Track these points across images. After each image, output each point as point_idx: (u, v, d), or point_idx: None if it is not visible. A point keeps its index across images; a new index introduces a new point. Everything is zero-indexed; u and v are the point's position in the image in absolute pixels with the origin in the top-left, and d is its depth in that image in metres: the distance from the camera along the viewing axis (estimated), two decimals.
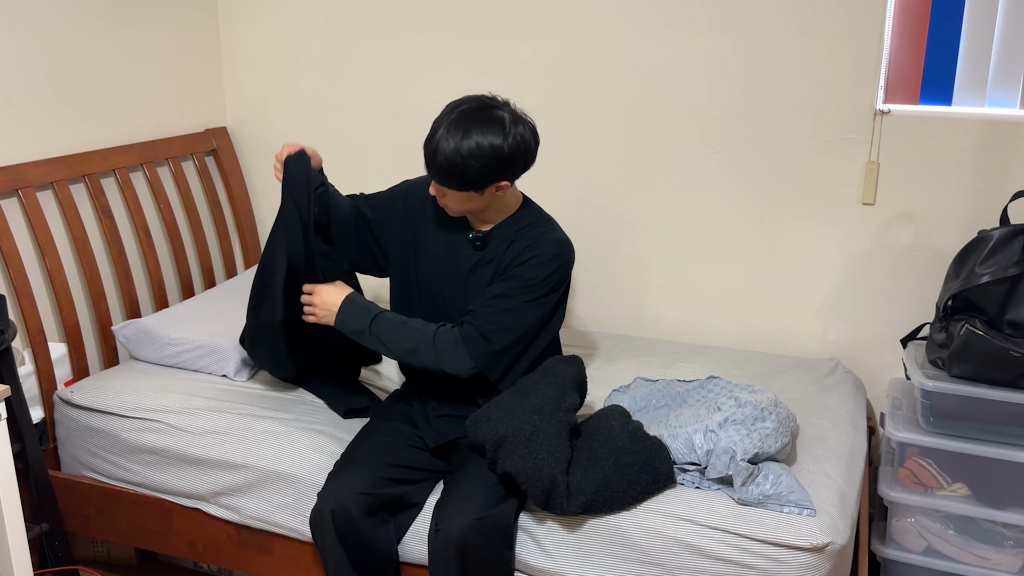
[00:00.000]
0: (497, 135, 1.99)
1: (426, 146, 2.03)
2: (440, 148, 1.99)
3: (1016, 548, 2.22)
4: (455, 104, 2.05)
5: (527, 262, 2.10)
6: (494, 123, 2.00)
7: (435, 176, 2.05)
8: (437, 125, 2.02)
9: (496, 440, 1.98)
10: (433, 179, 2.07)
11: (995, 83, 2.48)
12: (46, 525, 2.36)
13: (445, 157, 1.98)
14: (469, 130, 1.98)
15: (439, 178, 2.04)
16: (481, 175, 2.00)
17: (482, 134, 1.98)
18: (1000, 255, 2.22)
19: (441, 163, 1.99)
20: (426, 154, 2.03)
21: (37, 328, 2.51)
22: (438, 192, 2.10)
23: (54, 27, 2.63)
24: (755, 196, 2.75)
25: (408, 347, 2.13)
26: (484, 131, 1.99)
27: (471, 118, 2.00)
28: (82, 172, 2.69)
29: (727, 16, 2.65)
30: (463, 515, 1.93)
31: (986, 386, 2.18)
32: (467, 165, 1.98)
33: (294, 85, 3.22)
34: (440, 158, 1.99)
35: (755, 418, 2.04)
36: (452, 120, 2.00)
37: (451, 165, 1.98)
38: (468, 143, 1.97)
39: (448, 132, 1.99)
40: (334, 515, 2.01)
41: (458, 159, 1.97)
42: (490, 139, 1.98)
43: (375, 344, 2.15)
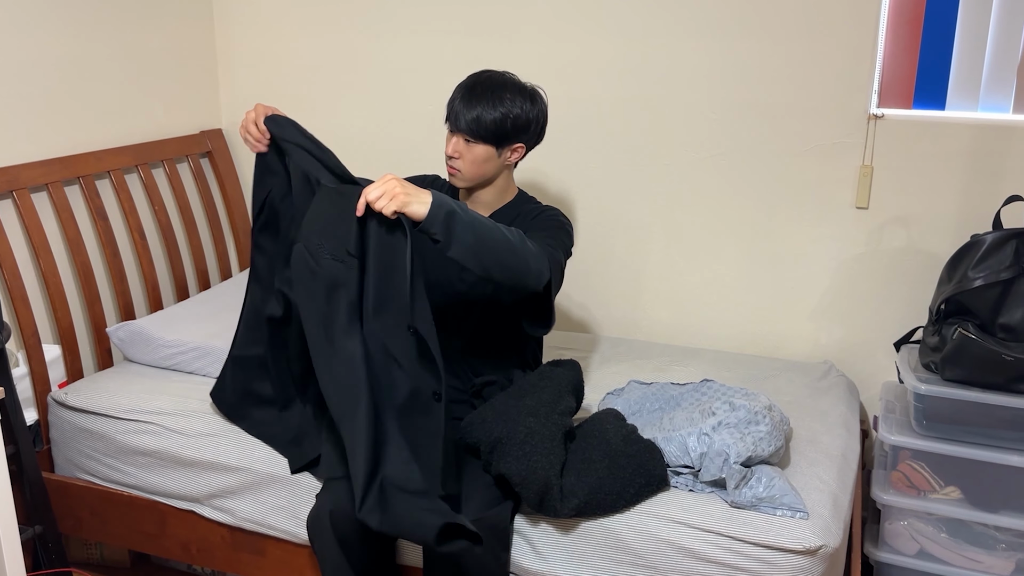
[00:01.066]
0: (526, 97, 2.15)
1: (458, 100, 2.12)
2: (477, 100, 2.10)
3: (1008, 551, 2.23)
4: (481, 71, 2.19)
5: (539, 218, 2.21)
6: (522, 87, 2.17)
7: (464, 126, 2.11)
8: (470, 82, 2.14)
9: (491, 442, 1.98)
10: (459, 131, 2.13)
11: (988, 88, 2.49)
12: (39, 527, 2.36)
13: (484, 107, 2.09)
14: (503, 87, 2.13)
15: (469, 127, 2.11)
16: (509, 130, 2.13)
17: (512, 93, 2.13)
18: (993, 259, 2.23)
19: (475, 114, 2.09)
20: (457, 106, 2.12)
21: (31, 330, 2.50)
22: (456, 151, 2.15)
23: (49, 28, 2.63)
24: (749, 199, 2.76)
25: (505, 235, 1.90)
26: (514, 91, 2.14)
27: (501, 79, 2.15)
28: (77, 174, 2.69)
29: (721, 20, 2.65)
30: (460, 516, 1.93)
31: (979, 390, 2.19)
32: (503, 115, 2.10)
33: (289, 87, 3.22)
34: (477, 108, 2.09)
35: (749, 421, 2.05)
36: (485, 77, 2.14)
37: (485, 113, 2.09)
38: (504, 96, 2.11)
39: (483, 85, 2.12)
40: (332, 517, 2.00)
41: (495, 107, 2.10)
42: (520, 97, 2.14)
43: (466, 229, 1.84)
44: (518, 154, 2.20)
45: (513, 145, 2.17)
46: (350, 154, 3.19)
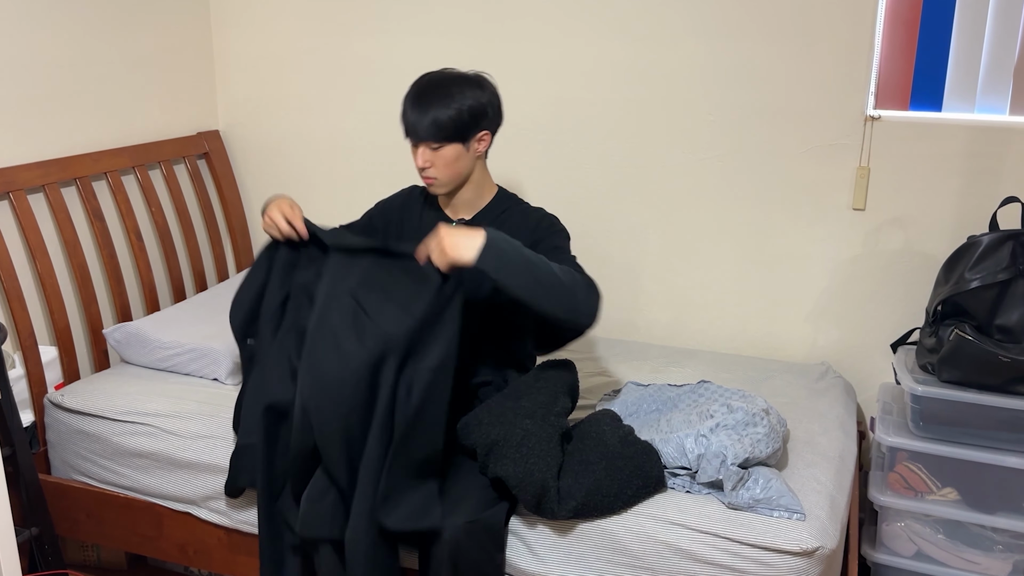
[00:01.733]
0: (473, 85, 2.14)
1: (410, 112, 2.12)
2: (428, 104, 2.09)
3: (1005, 552, 2.23)
4: (420, 77, 2.17)
5: (533, 228, 2.21)
6: (470, 79, 2.15)
7: (425, 134, 2.10)
8: (415, 91, 2.13)
9: (487, 444, 1.98)
10: (422, 141, 2.12)
11: (985, 89, 2.49)
12: (36, 529, 2.35)
13: (437, 109, 2.08)
14: (452, 82, 2.12)
15: (430, 133, 2.10)
16: (469, 121, 2.12)
17: (458, 86, 2.12)
18: (989, 260, 2.23)
19: (431, 118, 2.08)
20: (411, 119, 2.11)
21: (27, 331, 2.50)
22: (426, 161, 2.14)
23: (46, 30, 2.62)
24: (746, 201, 2.76)
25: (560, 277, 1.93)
26: (464, 83, 2.13)
27: (450, 76, 2.15)
28: (74, 175, 2.69)
29: (718, 22, 2.66)
30: (454, 517, 1.92)
31: (976, 391, 2.19)
32: (459, 107, 2.09)
33: (287, 88, 3.22)
34: (431, 113, 2.08)
35: (746, 423, 2.05)
36: (426, 82, 2.14)
37: (441, 114, 2.08)
38: (452, 93, 2.10)
39: (429, 89, 2.11)
40: None
41: (447, 105, 2.09)
42: (468, 88, 2.12)
43: (525, 271, 1.88)
44: (485, 143, 2.18)
45: (478, 135, 2.15)
46: (347, 156, 3.19)
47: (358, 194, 3.19)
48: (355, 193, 3.20)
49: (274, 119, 3.26)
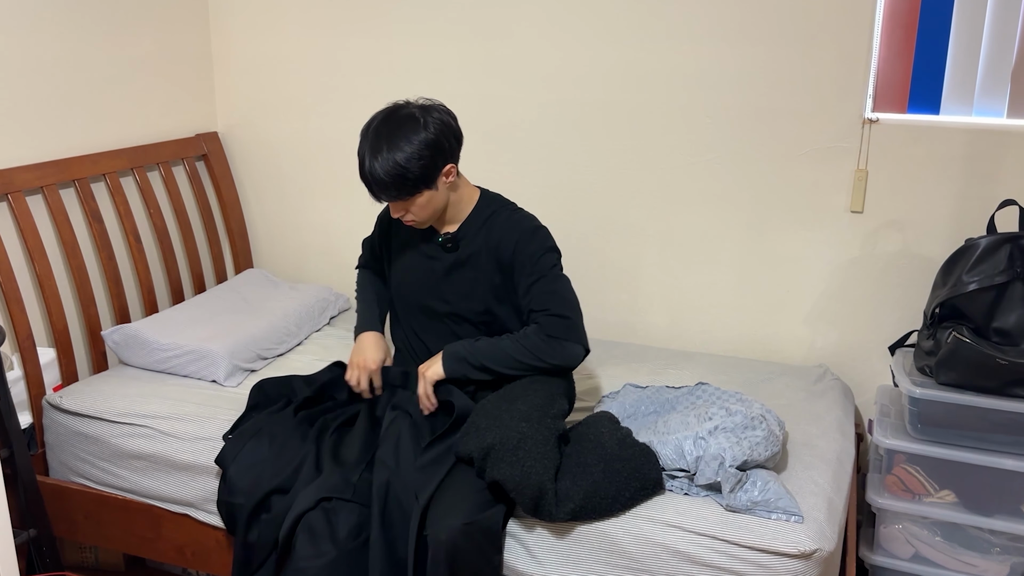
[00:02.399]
0: (417, 129, 2.07)
1: (363, 178, 2.11)
2: (375, 170, 2.07)
3: (1003, 555, 2.23)
4: (367, 125, 2.14)
5: (517, 248, 2.18)
6: (409, 121, 2.08)
7: (386, 195, 2.11)
8: (361, 153, 2.11)
9: (484, 449, 1.98)
10: (386, 201, 2.13)
11: (983, 92, 2.50)
12: (34, 531, 2.35)
13: (386, 173, 2.06)
14: (392, 138, 2.07)
15: (391, 194, 2.10)
16: (425, 170, 2.08)
17: (404, 136, 2.06)
18: (987, 263, 2.23)
19: (385, 181, 2.07)
20: (367, 184, 2.11)
21: (26, 333, 2.50)
22: (400, 211, 2.16)
23: (45, 31, 2.62)
24: (744, 203, 2.76)
25: (516, 356, 2.17)
26: (405, 132, 2.07)
27: (386, 129, 2.09)
28: (72, 177, 2.69)
29: (716, 24, 2.66)
30: (451, 519, 1.92)
31: (973, 393, 2.19)
32: (408, 168, 2.06)
33: (285, 90, 3.22)
34: (381, 178, 2.07)
35: (745, 426, 2.05)
36: (371, 141, 2.09)
37: (394, 178, 2.06)
38: (397, 151, 2.06)
39: (375, 153, 2.07)
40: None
41: (398, 169, 2.05)
42: (413, 136, 2.06)
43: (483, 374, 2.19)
44: (452, 173, 2.15)
45: (442, 172, 2.12)
46: (346, 157, 3.19)
47: (356, 196, 3.19)
48: (353, 195, 3.20)
49: (273, 121, 3.26)
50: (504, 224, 2.22)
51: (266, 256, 3.43)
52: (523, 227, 2.21)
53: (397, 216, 2.17)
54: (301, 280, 3.37)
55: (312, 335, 2.96)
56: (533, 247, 2.18)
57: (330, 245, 3.30)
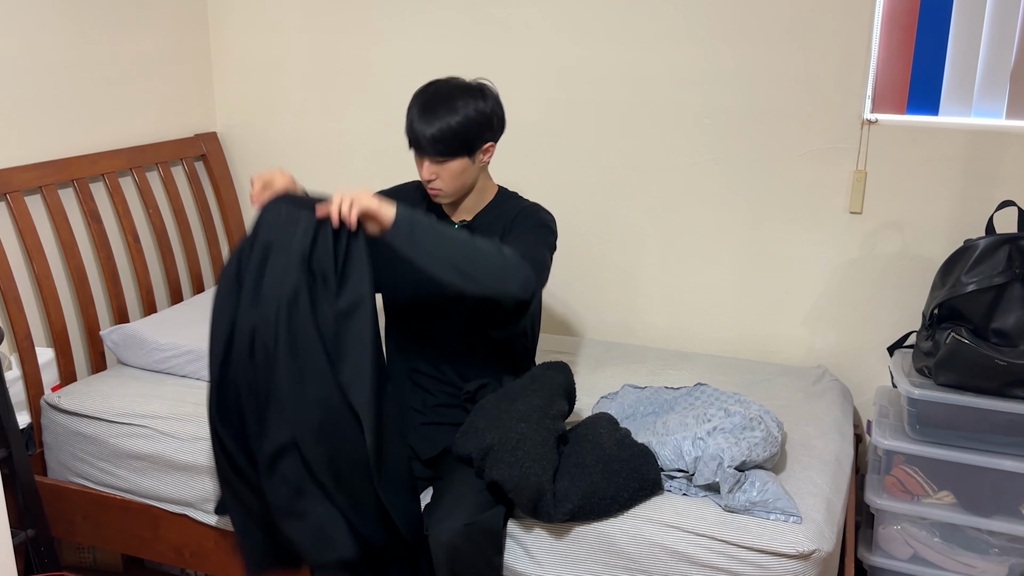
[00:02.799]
0: (475, 97, 2.09)
1: (411, 128, 2.08)
2: (430, 120, 2.05)
3: (1002, 556, 2.23)
4: (424, 87, 2.12)
5: (517, 218, 2.18)
6: (470, 88, 2.11)
7: (430, 148, 2.07)
8: (413, 104, 2.09)
9: (483, 449, 1.98)
10: (428, 156, 2.09)
11: (981, 93, 2.50)
12: (32, 531, 2.35)
13: (438, 128, 2.05)
14: (451, 96, 2.07)
15: (435, 148, 2.07)
16: (472, 136, 2.08)
17: (463, 98, 2.07)
18: (986, 264, 2.23)
19: (434, 134, 2.05)
20: (414, 134, 2.08)
21: (24, 332, 2.50)
22: (432, 174, 2.12)
23: (44, 31, 2.62)
24: (743, 204, 2.76)
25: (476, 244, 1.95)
26: (464, 95, 2.08)
27: (447, 88, 2.10)
28: (71, 177, 2.69)
29: (716, 25, 2.66)
30: (452, 521, 1.92)
31: (972, 394, 2.19)
32: (459, 126, 2.05)
33: (285, 90, 3.22)
34: (433, 131, 2.05)
35: (744, 427, 2.05)
36: (428, 96, 2.09)
37: (443, 132, 2.05)
38: (453, 108, 2.06)
39: (431, 105, 2.06)
40: None
41: (449, 124, 2.05)
42: (471, 101, 2.08)
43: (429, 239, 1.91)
44: (490, 153, 2.16)
45: (483, 147, 2.13)
46: (345, 157, 3.19)
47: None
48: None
49: (272, 121, 3.26)
50: (516, 211, 2.22)
51: None
52: (529, 204, 2.23)
53: (427, 178, 2.12)
54: None
55: None
56: (533, 219, 2.18)
57: None
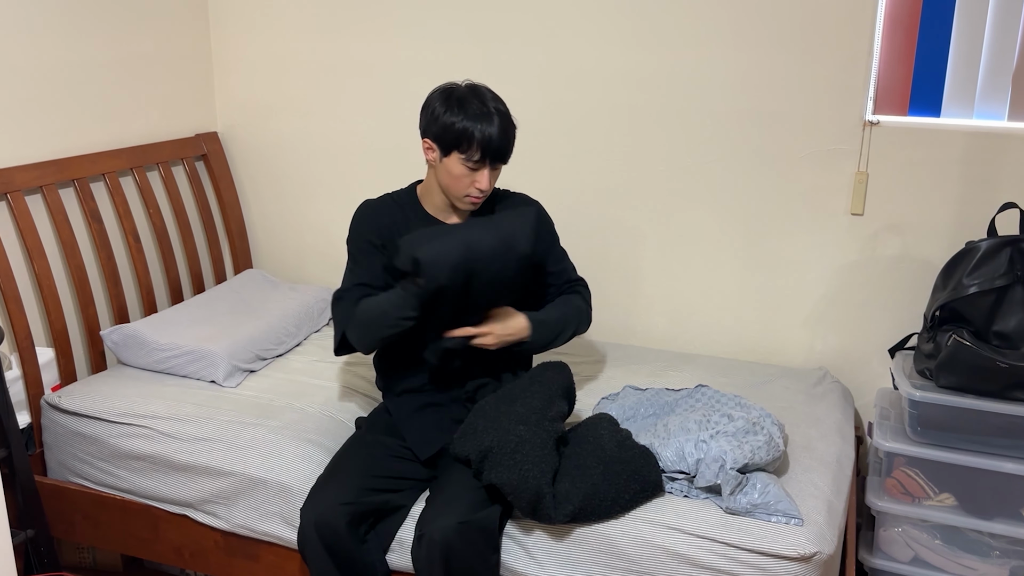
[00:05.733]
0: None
1: (496, 135, 2.06)
2: (508, 126, 2.08)
3: (1002, 558, 2.23)
4: (470, 94, 2.10)
5: (541, 233, 2.25)
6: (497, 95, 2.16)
7: (504, 159, 2.10)
8: (485, 112, 2.06)
9: (481, 451, 1.98)
10: (497, 163, 2.11)
11: (983, 95, 2.49)
12: (31, 531, 2.35)
13: (512, 131, 2.10)
14: (500, 100, 2.11)
15: (505, 157, 2.11)
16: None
17: (503, 103, 2.13)
18: (988, 266, 2.23)
19: (510, 142, 2.10)
20: (496, 143, 2.07)
21: (24, 332, 2.49)
22: (493, 180, 2.13)
23: (44, 31, 2.62)
24: (745, 206, 2.76)
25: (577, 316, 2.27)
26: (501, 100, 2.14)
27: (492, 95, 2.12)
28: (71, 176, 2.68)
29: (718, 27, 2.66)
30: (446, 519, 1.92)
31: (973, 397, 2.19)
32: (515, 127, 2.13)
33: (285, 90, 3.22)
34: (510, 135, 2.09)
35: (746, 431, 2.05)
36: (491, 102, 2.09)
37: (510, 139, 2.10)
38: (510, 117, 2.12)
39: (497, 114, 2.07)
40: (318, 528, 2.00)
41: (512, 131, 2.11)
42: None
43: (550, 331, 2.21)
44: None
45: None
46: (345, 158, 3.19)
47: (356, 196, 3.17)
48: (353, 195, 3.19)
49: (272, 121, 3.26)
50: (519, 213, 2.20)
51: (265, 256, 3.42)
52: (534, 210, 2.22)
53: (487, 188, 2.11)
54: (300, 280, 3.37)
55: (311, 336, 2.95)
56: (552, 230, 2.33)
57: (330, 245, 3.30)
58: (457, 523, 1.91)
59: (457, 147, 2.07)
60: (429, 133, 2.12)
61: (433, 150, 2.13)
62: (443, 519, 1.93)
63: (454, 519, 1.91)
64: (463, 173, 2.10)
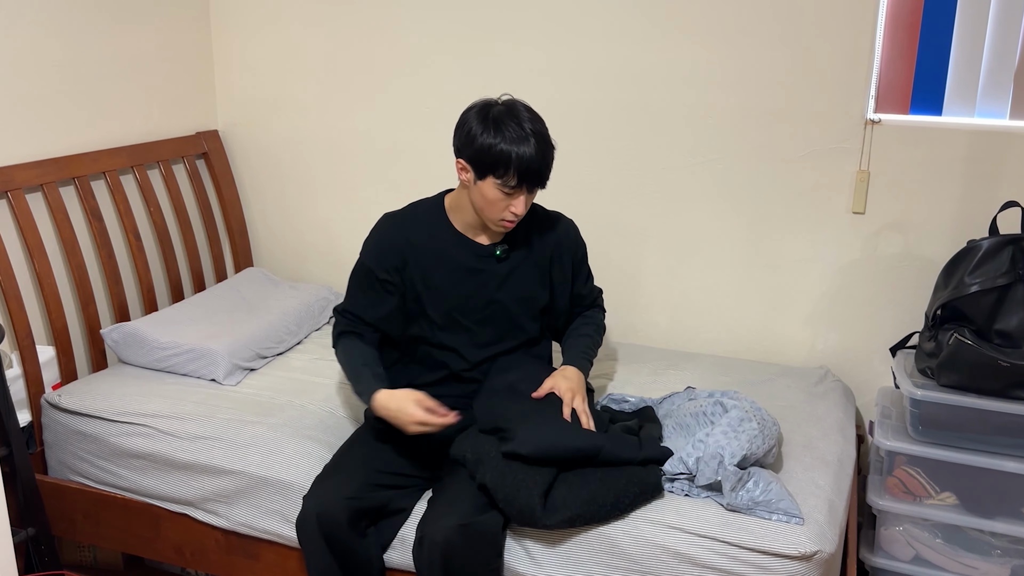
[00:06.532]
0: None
1: (535, 160, 1.98)
2: (547, 149, 2.02)
3: (1004, 557, 2.23)
4: (507, 113, 2.01)
5: (578, 242, 2.30)
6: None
7: (540, 181, 2.04)
8: (522, 135, 1.97)
9: (477, 453, 1.97)
10: (535, 187, 2.04)
11: (985, 94, 2.49)
12: (32, 530, 2.35)
13: (549, 152, 2.03)
14: (542, 124, 2.04)
15: (543, 182, 2.05)
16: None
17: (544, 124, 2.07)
18: (989, 265, 2.23)
19: (547, 162, 2.03)
20: (538, 166, 1.99)
21: (25, 331, 2.49)
22: (526, 206, 2.06)
23: (45, 29, 2.62)
24: (746, 204, 2.76)
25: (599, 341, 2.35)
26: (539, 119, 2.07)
27: (531, 115, 2.04)
28: (72, 174, 2.68)
29: (719, 24, 2.65)
30: (447, 519, 1.92)
31: (975, 395, 2.19)
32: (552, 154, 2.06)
33: (286, 88, 3.21)
34: (550, 157, 2.03)
35: (740, 419, 2.05)
36: (531, 123, 2.01)
37: (550, 159, 2.05)
38: (550, 139, 2.05)
39: (540, 138, 2.00)
40: (319, 519, 1.99)
41: (552, 149, 2.05)
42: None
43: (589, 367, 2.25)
44: None
45: None
46: (346, 156, 3.19)
47: (357, 195, 3.19)
48: (354, 194, 3.20)
49: (273, 119, 3.26)
50: (557, 234, 2.24)
51: (266, 255, 3.42)
52: (567, 227, 2.28)
53: (522, 213, 2.04)
54: (301, 279, 3.37)
55: (312, 334, 2.95)
56: (583, 247, 2.32)
57: (330, 244, 3.30)
58: (458, 525, 1.90)
59: (493, 172, 1.99)
60: (464, 154, 2.03)
61: (467, 171, 2.04)
62: (444, 520, 1.92)
63: (455, 520, 1.91)
64: (499, 198, 2.02)
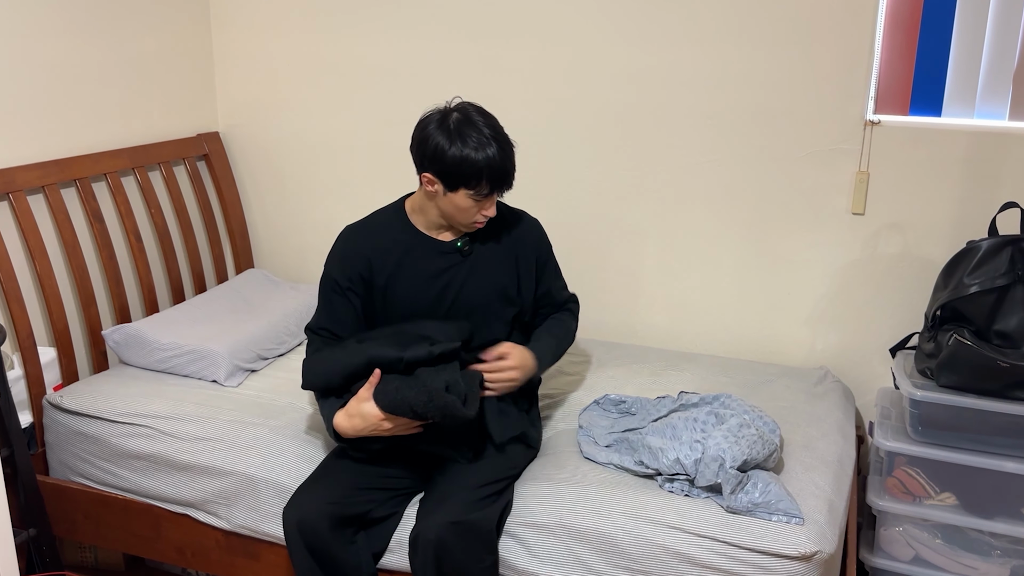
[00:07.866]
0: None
1: (501, 164, 2.00)
2: (508, 160, 2.03)
3: (1003, 558, 2.23)
4: (470, 120, 2.02)
5: (541, 240, 2.28)
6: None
7: (508, 183, 2.06)
8: (486, 141, 1.99)
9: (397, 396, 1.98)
10: (501, 190, 2.06)
11: (984, 95, 2.49)
12: (33, 530, 2.35)
13: (511, 152, 2.05)
14: (501, 130, 2.05)
15: (511, 183, 2.06)
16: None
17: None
18: (989, 266, 2.23)
19: (512, 163, 2.05)
20: (506, 171, 2.02)
21: (26, 332, 2.50)
22: (492, 207, 2.09)
23: (46, 31, 2.62)
24: (745, 205, 2.76)
25: (568, 336, 2.32)
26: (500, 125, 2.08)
27: (491, 121, 2.04)
28: (73, 176, 2.69)
29: (718, 25, 2.66)
30: (439, 517, 1.92)
31: (974, 396, 2.19)
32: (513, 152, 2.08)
33: (286, 90, 3.22)
34: (512, 157, 2.05)
35: (740, 424, 2.05)
36: (496, 132, 2.02)
37: (513, 158, 2.06)
38: (504, 132, 2.05)
39: (502, 144, 2.01)
40: (300, 527, 1.99)
41: (512, 148, 2.06)
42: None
43: (551, 358, 2.25)
44: None
45: None
46: (346, 157, 3.19)
47: (357, 195, 3.19)
48: (354, 194, 3.20)
49: (274, 121, 3.26)
50: (520, 231, 2.23)
51: (267, 256, 3.43)
52: (532, 226, 2.27)
53: (494, 214, 2.09)
54: (301, 280, 3.37)
55: None
56: (548, 246, 2.30)
57: (331, 245, 3.29)
58: (450, 522, 1.90)
59: (465, 184, 2.00)
60: (431, 169, 2.03)
61: (435, 183, 2.04)
62: (437, 518, 1.92)
63: (448, 518, 1.91)
64: (470, 205, 2.05)
